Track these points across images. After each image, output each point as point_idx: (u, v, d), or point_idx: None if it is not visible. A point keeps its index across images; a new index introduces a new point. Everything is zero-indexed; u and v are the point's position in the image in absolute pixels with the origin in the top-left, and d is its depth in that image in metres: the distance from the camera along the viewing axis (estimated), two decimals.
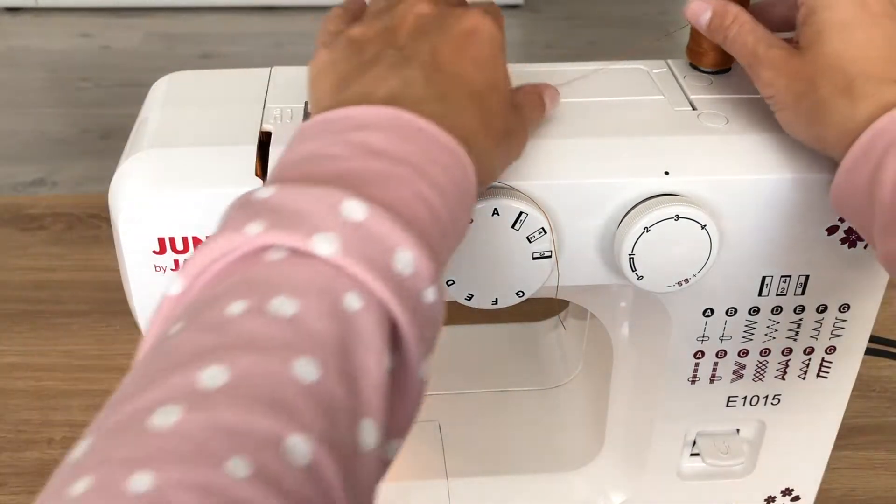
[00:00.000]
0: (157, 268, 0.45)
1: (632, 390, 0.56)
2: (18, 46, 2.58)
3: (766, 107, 0.45)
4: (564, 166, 0.45)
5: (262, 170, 0.44)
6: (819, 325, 0.51)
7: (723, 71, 0.50)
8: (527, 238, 0.45)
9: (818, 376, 0.53)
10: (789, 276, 0.48)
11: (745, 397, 0.54)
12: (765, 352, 0.52)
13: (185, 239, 0.44)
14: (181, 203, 0.43)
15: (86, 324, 0.77)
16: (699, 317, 0.50)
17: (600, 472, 0.61)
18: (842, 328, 0.51)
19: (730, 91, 0.49)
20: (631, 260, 0.45)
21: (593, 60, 0.51)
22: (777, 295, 0.49)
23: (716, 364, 0.52)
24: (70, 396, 0.70)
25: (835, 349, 0.52)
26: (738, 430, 0.57)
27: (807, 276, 0.49)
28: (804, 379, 0.53)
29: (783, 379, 0.53)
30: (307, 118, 0.46)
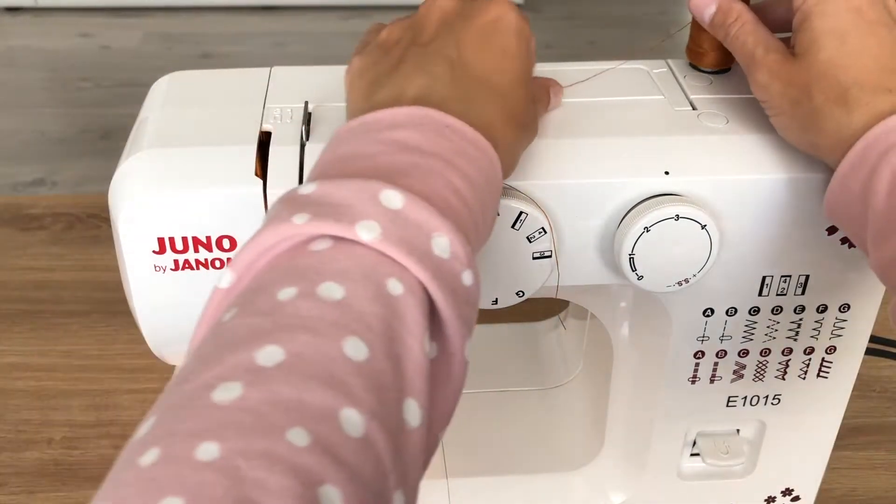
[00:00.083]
0: (157, 268, 0.45)
1: (632, 390, 0.56)
2: (18, 46, 2.58)
3: None
4: (564, 166, 0.45)
5: (262, 170, 0.44)
6: (819, 325, 0.51)
7: (723, 71, 0.50)
8: (527, 238, 0.45)
9: (818, 376, 0.53)
10: (789, 276, 0.48)
11: (746, 397, 0.54)
12: (765, 352, 0.52)
13: (184, 239, 0.44)
14: (181, 203, 0.43)
15: (86, 324, 0.77)
16: (699, 317, 0.50)
17: (600, 472, 0.61)
18: (842, 328, 0.51)
19: (730, 91, 0.49)
20: (631, 260, 0.45)
21: (593, 60, 0.51)
22: (777, 295, 0.49)
23: (716, 364, 0.52)
24: (70, 396, 0.70)
25: (835, 349, 0.52)
26: (738, 430, 0.57)
27: (807, 276, 0.49)
28: (804, 379, 0.53)
29: (783, 379, 0.53)
30: (307, 117, 0.46)
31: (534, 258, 0.45)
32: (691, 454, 0.57)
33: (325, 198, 0.33)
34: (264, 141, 0.45)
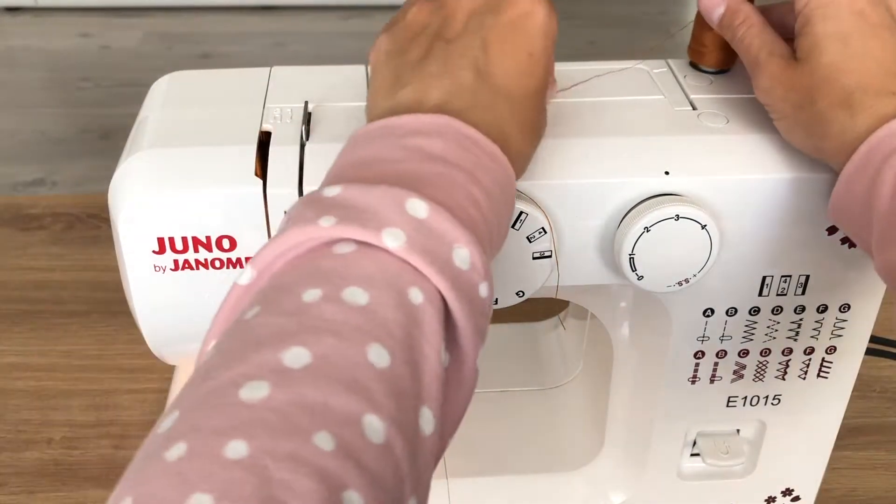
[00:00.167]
0: (157, 268, 0.45)
1: (632, 390, 0.56)
2: (18, 46, 2.58)
3: None
4: (564, 166, 0.45)
5: (262, 170, 0.44)
6: (819, 325, 0.51)
7: (723, 71, 0.50)
8: (527, 238, 0.45)
9: (818, 376, 0.53)
10: (789, 276, 0.48)
11: (746, 397, 0.54)
12: (765, 352, 0.52)
13: (184, 239, 0.44)
14: (181, 203, 0.43)
15: (86, 324, 0.77)
16: (699, 317, 0.50)
17: (600, 472, 0.61)
18: (842, 328, 0.51)
19: (730, 91, 0.49)
20: (631, 260, 0.45)
21: (593, 60, 0.51)
22: (777, 295, 0.49)
23: (716, 364, 0.52)
24: (70, 396, 0.70)
25: (835, 349, 0.52)
26: (738, 431, 0.57)
27: (807, 276, 0.49)
28: (804, 379, 0.53)
29: (783, 379, 0.53)
30: (307, 117, 0.46)
31: (534, 258, 0.45)
32: (691, 454, 0.57)
33: (350, 201, 0.33)
34: (264, 141, 0.45)
